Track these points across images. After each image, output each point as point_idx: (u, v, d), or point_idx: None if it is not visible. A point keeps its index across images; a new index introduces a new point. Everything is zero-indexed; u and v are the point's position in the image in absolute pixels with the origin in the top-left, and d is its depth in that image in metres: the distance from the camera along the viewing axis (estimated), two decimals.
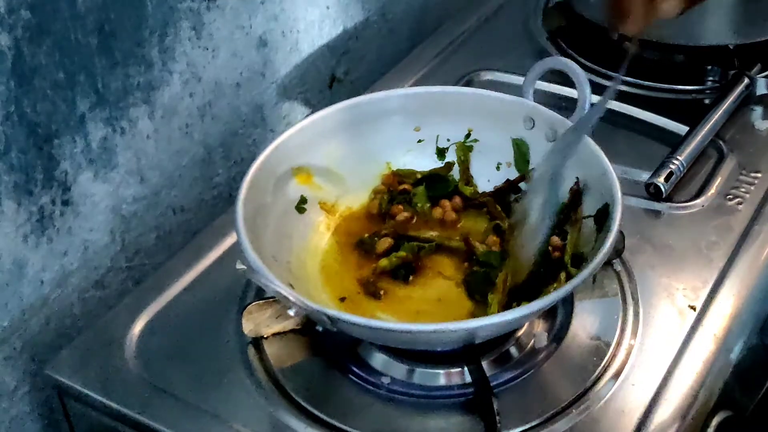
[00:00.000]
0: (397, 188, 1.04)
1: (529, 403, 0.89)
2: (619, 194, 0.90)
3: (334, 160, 1.02)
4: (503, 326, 0.87)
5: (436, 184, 1.04)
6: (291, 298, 0.82)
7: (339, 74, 1.33)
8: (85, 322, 1.03)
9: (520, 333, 0.94)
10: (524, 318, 0.88)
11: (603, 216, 0.92)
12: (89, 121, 0.96)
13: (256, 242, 0.88)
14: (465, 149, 1.05)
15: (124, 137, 1.01)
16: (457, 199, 1.02)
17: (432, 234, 1.01)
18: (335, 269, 0.98)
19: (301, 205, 0.99)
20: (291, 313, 0.83)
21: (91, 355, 0.95)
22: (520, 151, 1.02)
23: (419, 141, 1.05)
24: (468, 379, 0.91)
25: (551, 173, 0.91)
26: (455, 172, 1.06)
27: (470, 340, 0.87)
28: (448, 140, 1.05)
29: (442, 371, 0.92)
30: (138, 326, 0.98)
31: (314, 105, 1.29)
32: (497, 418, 0.85)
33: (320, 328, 0.91)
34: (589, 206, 0.95)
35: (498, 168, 1.04)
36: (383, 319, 0.92)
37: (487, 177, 1.04)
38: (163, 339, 0.97)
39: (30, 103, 0.89)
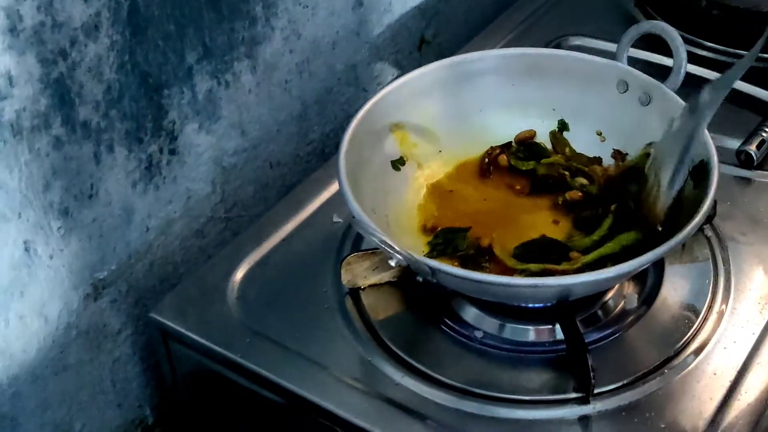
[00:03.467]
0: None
1: (620, 362, 0.88)
2: (714, 150, 0.89)
3: (429, 118, 1.01)
4: (600, 284, 0.86)
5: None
6: (395, 248, 0.81)
7: (428, 36, 1.32)
8: (185, 269, 1.04)
9: (610, 294, 0.93)
10: (620, 277, 0.86)
11: (700, 172, 0.90)
12: (196, 74, 0.96)
13: (358, 195, 0.88)
14: (558, 137, 1.03)
15: (228, 90, 1.00)
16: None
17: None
18: (431, 224, 0.97)
19: (397, 163, 0.98)
20: (392, 263, 0.83)
21: (194, 300, 0.95)
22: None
23: (514, 101, 1.03)
24: (558, 336, 0.90)
25: (687, 139, 0.88)
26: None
27: (566, 296, 0.86)
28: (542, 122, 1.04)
29: (532, 327, 0.91)
30: (239, 274, 0.98)
31: (404, 66, 1.27)
32: (592, 374, 0.83)
33: (420, 278, 0.90)
34: None
35: (600, 134, 1.02)
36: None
37: (586, 144, 1.02)
38: (263, 287, 0.97)
39: (143, 53, 0.89)
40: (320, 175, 1.08)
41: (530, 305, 0.91)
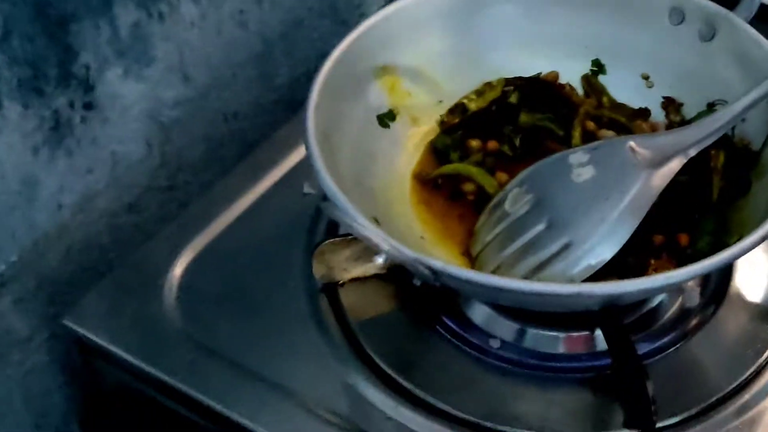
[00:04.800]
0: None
1: (683, 384, 0.67)
2: None
3: (427, 59, 0.77)
4: (663, 289, 0.64)
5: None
6: (382, 242, 0.58)
7: None
8: (117, 254, 0.81)
9: None
10: (692, 278, 0.64)
11: None
12: (117, 2, 0.72)
13: (332, 162, 0.65)
14: (593, 83, 0.79)
15: (163, 24, 0.77)
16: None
17: None
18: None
19: (385, 118, 0.75)
20: (379, 260, 0.60)
21: (120, 302, 0.73)
22: None
23: (536, 37, 0.80)
24: (599, 346, 0.68)
25: None
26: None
27: (615, 303, 0.63)
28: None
29: (563, 334, 0.69)
30: (180, 265, 0.75)
31: None
32: (653, 407, 0.61)
33: (417, 282, 0.68)
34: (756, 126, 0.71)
35: (647, 78, 0.78)
36: None
37: (629, 92, 0.78)
38: (212, 282, 0.74)
39: None
40: (288, 131, 0.85)
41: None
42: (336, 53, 0.71)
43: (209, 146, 0.87)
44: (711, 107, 0.73)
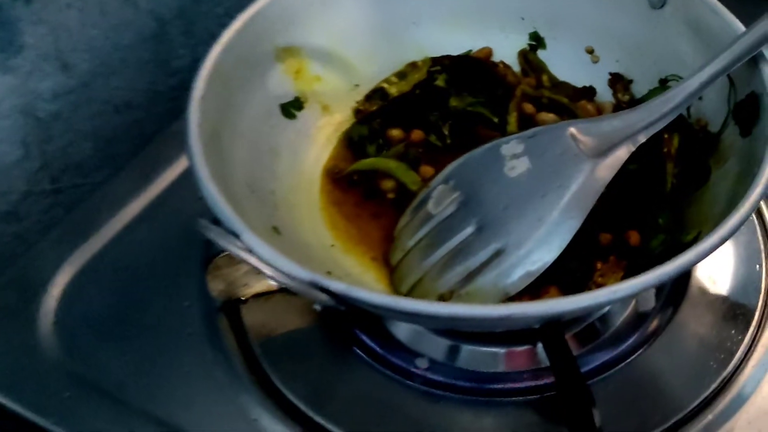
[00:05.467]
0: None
1: (636, 404, 0.58)
2: None
3: (338, 38, 0.67)
4: (607, 304, 0.55)
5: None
6: (262, 267, 0.48)
7: None
8: None
9: None
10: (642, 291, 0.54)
11: (750, 113, 0.58)
12: None
13: (220, 164, 0.55)
14: (531, 59, 0.69)
15: (31, 6, 0.66)
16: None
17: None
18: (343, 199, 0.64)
19: (291, 108, 0.64)
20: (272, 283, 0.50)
21: None
22: None
23: (464, 9, 0.70)
24: (543, 362, 0.59)
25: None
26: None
27: (558, 319, 0.54)
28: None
29: (503, 350, 0.60)
30: (57, 284, 0.65)
31: None
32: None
33: (317, 307, 0.58)
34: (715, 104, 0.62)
35: (591, 52, 0.69)
36: None
37: (571, 68, 0.69)
38: (95, 302, 0.64)
39: None
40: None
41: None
42: (227, 34, 0.60)
43: (99, 142, 0.77)
44: (664, 84, 0.65)
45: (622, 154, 0.56)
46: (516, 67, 0.69)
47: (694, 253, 0.49)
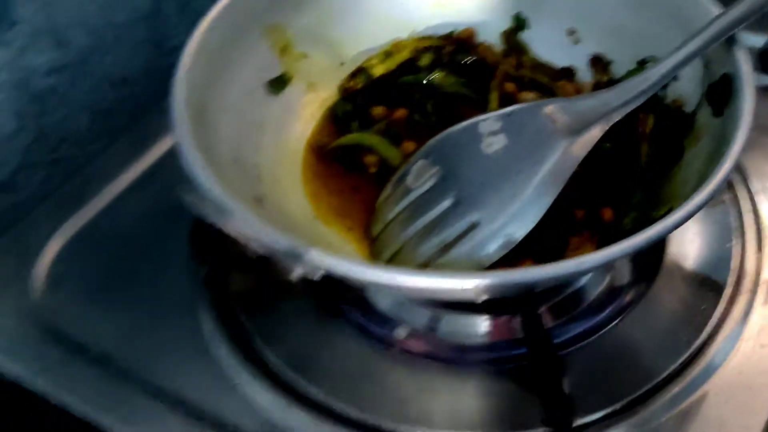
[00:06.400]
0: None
1: (608, 375, 0.59)
2: (746, 61, 0.58)
3: (325, 17, 0.68)
4: (577, 275, 0.56)
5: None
6: (243, 230, 0.50)
7: None
8: None
9: None
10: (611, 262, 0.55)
11: (722, 93, 0.59)
12: None
13: (205, 137, 0.56)
14: (513, 40, 0.70)
15: None
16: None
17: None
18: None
19: (276, 84, 0.65)
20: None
21: None
22: None
23: None
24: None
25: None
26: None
27: (525, 290, 0.55)
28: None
29: (484, 320, 0.61)
30: (52, 249, 0.67)
31: None
32: (569, 404, 0.54)
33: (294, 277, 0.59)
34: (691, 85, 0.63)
35: (573, 33, 0.70)
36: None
37: (553, 49, 0.70)
38: (87, 269, 0.66)
39: None
40: None
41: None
42: (214, 11, 0.61)
43: (96, 114, 0.78)
44: (642, 65, 0.65)
45: (596, 132, 0.57)
46: (499, 47, 0.70)
47: (662, 227, 0.50)
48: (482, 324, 0.61)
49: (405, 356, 0.60)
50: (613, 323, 0.61)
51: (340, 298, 0.62)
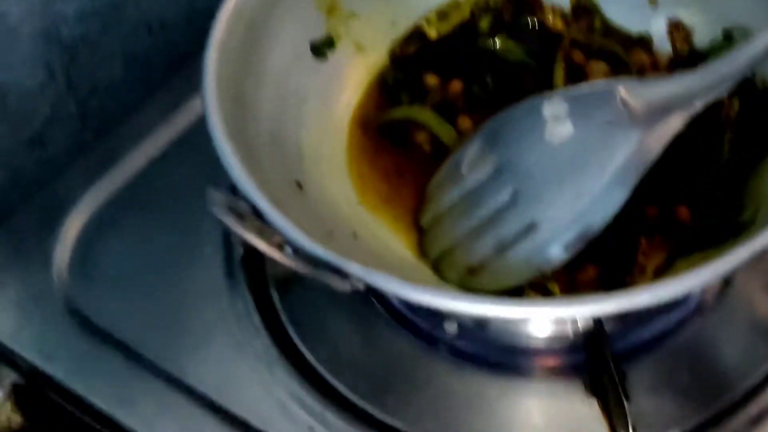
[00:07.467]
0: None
1: (681, 389, 0.53)
2: None
3: None
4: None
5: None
6: (266, 249, 0.44)
7: None
8: (18, 197, 0.67)
9: None
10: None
11: None
12: None
13: (242, 114, 0.51)
14: (583, 3, 0.62)
15: None
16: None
17: None
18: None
19: (322, 47, 0.59)
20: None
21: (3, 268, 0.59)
22: None
23: None
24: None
25: None
26: None
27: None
28: None
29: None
30: (75, 221, 0.61)
31: None
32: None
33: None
34: None
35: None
36: None
37: (628, 13, 0.61)
38: (114, 244, 0.61)
39: None
40: None
41: None
42: None
43: (130, 64, 0.72)
44: (728, 36, 0.58)
45: (675, 122, 0.50)
46: (568, 7, 0.62)
47: (749, 249, 0.43)
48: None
49: (451, 357, 0.55)
50: (684, 329, 0.55)
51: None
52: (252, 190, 0.46)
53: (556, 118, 0.52)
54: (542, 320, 0.51)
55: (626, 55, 0.59)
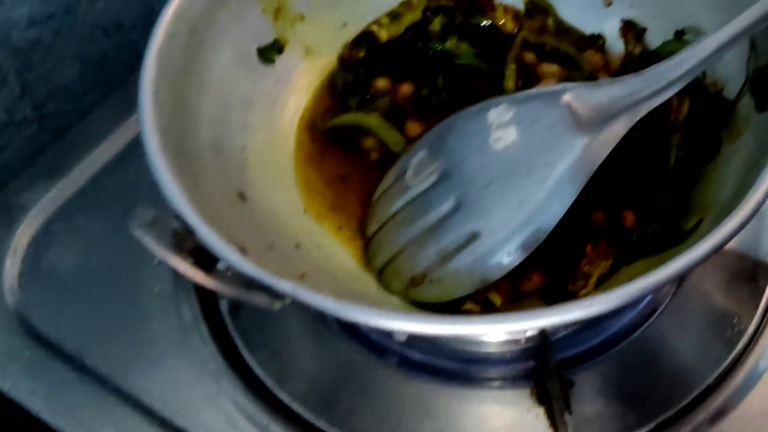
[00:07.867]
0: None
1: (626, 398, 0.52)
2: None
3: None
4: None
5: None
6: (190, 273, 0.43)
7: None
8: None
9: None
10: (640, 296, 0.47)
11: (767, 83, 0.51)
12: None
13: (184, 122, 0.50)
14: (537, 3, 0.61)
15: None
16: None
17: None
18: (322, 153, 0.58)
19: (269, 51, 0.58)
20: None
21: None
22: None
23: None
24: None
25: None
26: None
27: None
28: None
29: None
30: (25, 233, 0.61)
31: None
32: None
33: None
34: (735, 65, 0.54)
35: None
36: None
37: (581, 12, 0.60)
38: (65, 253, 0.60)
39: None
40: None
41: None
42: None
43: (87, 65, 0.71)
44: (680, 35, 0.57)
45: (619, 128, 0.49)
46: (519, 8, 0.61)
47: (684, 262, 0.42)
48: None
49: (402, 367, 0.54)
50: (634, 334, 0.54)
51: None
52: (183, 206, 0.45)
53: (500, 123, 0.51)
54: (473, 336, 0.50)
55: (579, 56, 0.58)
